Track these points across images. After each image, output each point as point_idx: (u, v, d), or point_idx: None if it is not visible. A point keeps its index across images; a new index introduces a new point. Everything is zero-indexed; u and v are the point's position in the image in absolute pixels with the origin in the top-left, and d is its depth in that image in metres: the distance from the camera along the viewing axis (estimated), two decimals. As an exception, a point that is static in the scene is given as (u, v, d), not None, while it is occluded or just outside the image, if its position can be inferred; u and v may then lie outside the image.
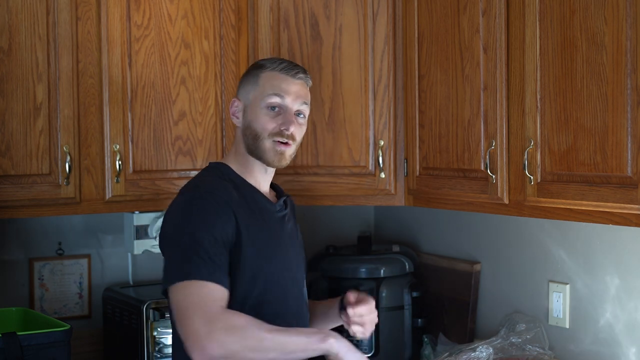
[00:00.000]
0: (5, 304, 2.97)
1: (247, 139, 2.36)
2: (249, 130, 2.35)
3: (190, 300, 2.12)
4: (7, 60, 2.67)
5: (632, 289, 2.66)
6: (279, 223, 2.40)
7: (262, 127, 2.32)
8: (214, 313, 2.11)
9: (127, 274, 3.26)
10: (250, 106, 2.35)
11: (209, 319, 2.09)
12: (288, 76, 2.35)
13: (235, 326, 2.10)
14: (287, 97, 2.33)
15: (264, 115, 2.33)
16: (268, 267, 2.30)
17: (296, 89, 2.35)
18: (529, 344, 2.83)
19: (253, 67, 2.41)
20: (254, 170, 2.39)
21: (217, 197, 2.25)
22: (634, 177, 2.24)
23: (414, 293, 3.20)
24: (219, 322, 2.09)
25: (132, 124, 2.86)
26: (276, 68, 2.35)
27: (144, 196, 2.89)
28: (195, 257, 2.15)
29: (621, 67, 2.25)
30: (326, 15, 3.02)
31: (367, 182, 3.03)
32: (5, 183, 2.67)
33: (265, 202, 2.38)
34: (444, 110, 2.83)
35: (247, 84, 2.38)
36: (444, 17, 2.81)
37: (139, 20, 2.87)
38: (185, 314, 2.12)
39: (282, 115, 2.33)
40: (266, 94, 2.33)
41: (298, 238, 2.50)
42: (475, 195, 2.72)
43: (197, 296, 2.13)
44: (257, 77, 2.36)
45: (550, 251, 2.91)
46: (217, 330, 2.07)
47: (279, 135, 2.32)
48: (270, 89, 2.33)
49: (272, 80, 2.34)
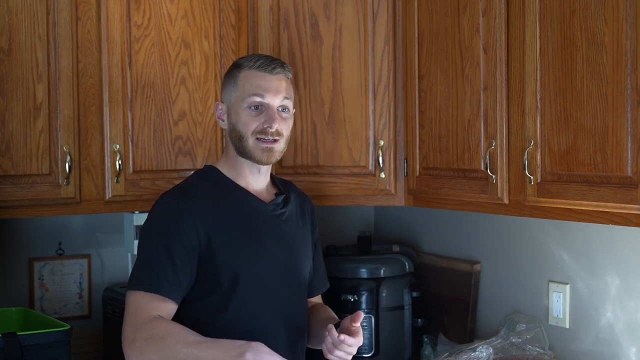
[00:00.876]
0: (5, 304, 2.97)
1: (234, 141, 2.38)
2: (234, 132, 2.37)
3: (129, 308, 2.23)
4: (7, 60, 2.67)
5: (632, 289, 2.66)
6: (271, 223, 2.39)
7: (246, 127, 2.34)
8: (140, 322, 2.18)
9: (127, 274, 3.25)
10: (233, 108, 2.37)
11: (135, 328, 2.18)
12: (266, 73, 2.35)
13: (154, 336, 2.15)
14: (267, 95, 2.34)
15: (247, 116, 2.34)
16: (247, 268, 2.31)
17: (275, 85, 2.35)
18: (529, 344, 2.83)
19: (232, 67, 2.41)
20: (244, 171, 2.39)
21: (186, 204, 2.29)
22: (634, 177, 2.24)
23: (414, 293, 3.20)
24: (142, 331, 2.17)
25: (132, 124, 2.86)
26: (253, 66, 2.35)
27: (144, 196, 2.89)
28: (149, 269, 2.24)
29: (621, 67, 2.25)
30: (326, 15, 3.02)
31: (367, 182, 3.03)
32: (5, 183, 2.67)
33: (254, 202, 2.38)
34: (444, 110, 2.83)
35: (228, 85, 2.40)
36: (444, 17, 2.81)
37: (139, 20, 2.87)
38: (123, 320, 2.23)
39: (265, 113, 2.34)
40: (246, 94, 2.34)
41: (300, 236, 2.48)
42: (475, 195, 2.72)
43: (133, 305, 2.22)
44: (236, 77, 2.37)
45: (550, 251, 2.91)
46: (139, 339, 2.16)
47: (263, 133, 2.34)
48: (249, 88, 2.34)
49: (251, 79, 2.35)
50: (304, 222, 2.51)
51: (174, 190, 2.38)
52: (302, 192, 2.58)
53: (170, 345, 2.13)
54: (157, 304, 2.22)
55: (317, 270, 2.59)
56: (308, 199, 2.59)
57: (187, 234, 2.26)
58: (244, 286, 2.30)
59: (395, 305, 3.18)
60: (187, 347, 2.11)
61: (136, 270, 2.28)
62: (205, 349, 2.10)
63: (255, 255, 2.34)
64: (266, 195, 2.43)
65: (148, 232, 2.30)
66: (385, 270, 3.18)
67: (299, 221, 2.49)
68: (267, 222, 2.39)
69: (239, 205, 2.36)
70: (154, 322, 2.18)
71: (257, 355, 2.04)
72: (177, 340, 2.13)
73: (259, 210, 2.38)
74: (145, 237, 2.31)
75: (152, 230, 2.30)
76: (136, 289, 2.24)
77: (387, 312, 3.15)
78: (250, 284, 2.31)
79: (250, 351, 2.05)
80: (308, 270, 2.51)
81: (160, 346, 2.14)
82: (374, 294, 3.13)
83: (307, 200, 2.58)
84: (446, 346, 3.04)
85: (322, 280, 2.65)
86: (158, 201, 2.35)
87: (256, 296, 2.32)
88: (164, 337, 2.14)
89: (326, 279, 2.68)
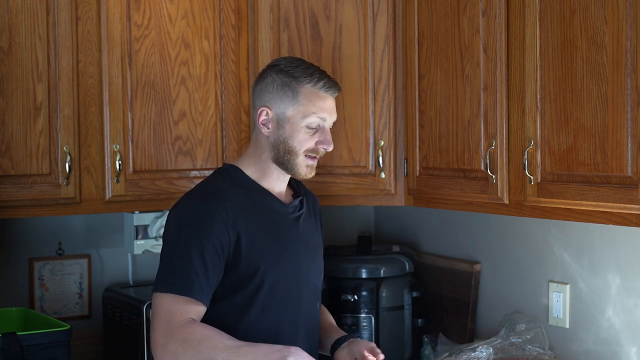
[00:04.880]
0: (5, 304, 2.97)
1: (279, 152, 2.34)
2: (282, 145, 2.33)
3: (159, 311, 2.20)
4: (7, 60, 2.67)
5: (632, 288, 2.66)
6: (292, 224, 2.39)
7: (300, 145, 2.32)
8: (174, 326, 2.17)
9: (127, 274, 3.26)
10: (288, 122, 2.32)
11: (168, 332, 2.16)
12: (327, 94, 2.33)
13: (190, 340, 2.14)
14: (328, 117, 2.34)
15: (304, 134, 2.32)
16: (272, 270, 2.30)
17: (333, 107, 2.36)
18: (529, 344, 2.83)
19: (284, 75, 2.33)
20: (271, 176, 2.38)
21: (216, 205, 2.26)
22: (634, 177, 2.24)
23: (414, 293, 3.20)
24: (177, 335, 2.15)
25: (132, 124, 2.86)
26: (317, 85, 2.32)
27: (144, 196, 2.89)
28: (176, 271, 2.22)
29: (621, 67, 2.25)
30: (326, 15, 3.02)
31: (367, 182, 3.03)
32: (5, 183, 2.67)
33: (277, 204, 2.38)
34: (444, 110, 2.83)
35: (282, 95, 2.33)
36: (444, 17, 2.81)
37: (139, 20, 2.87)
38: (153, 324, 2.21)
39: (319, 133, 2.33)
40: (309, 113, 2.31)
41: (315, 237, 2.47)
42: (475, 195, 2.72)
43: (165, 308, 2.20)
44: (295, 91, 2.32)
45: (550, 251, 2.91)
46: (173, 343, 2.15)
47: (315, 152, 2.34)
48: (312, 109, 2.31)
49: (314, 99, 2.32)
50: (315, 222, 2.51)
51: (200, 191, 2.34)
52: (309, 192, 2.58)
53: (207, 349, 2.12)
54: (190, 307, 2.20)
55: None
56: (316, 198, 2.59)
57: (219, 236, 2.24)
58: (268, 288, 2.29)
59: (395, 305, 3.17)
60: (224, 352, 2.10)
61: (166, 272, 2.24)
62: (244, 353, 2.10)
63: (280, 257, 2.33)
64: (285, 197, 2.43)
65: (178, 234, 2.26)
66: (385, 270, 3.18)
67: (312, 222, 2.49)
68: (289, 224, 2.39)
69: (264, 207, 2.35)
70: (188, 326, 2.17)
71: (298, 359, 2.06)
72: (215, 344, 2.12)
73: (281, 213, 2.38)
74: (174, 238, 2.26)
75: (182, 232, 2.25)
76: (167, 291, 2.21)
77: (387, 312, 3.15)
78: (275, 286, 2.31)
79: (291, 355, 2.06)
80: (321, 272, 2.51)
81: (196, 350, 2.12)
82: (374, 294, 3.13)
83: (315, 199, 2.58)
84: (446, 346, 3.04)
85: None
86: (183, 202, 2.31)
87: (279, 298, 2.32)
88: (200, 341, 2.13)
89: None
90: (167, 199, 2.90)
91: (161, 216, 3.10)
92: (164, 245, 2.29)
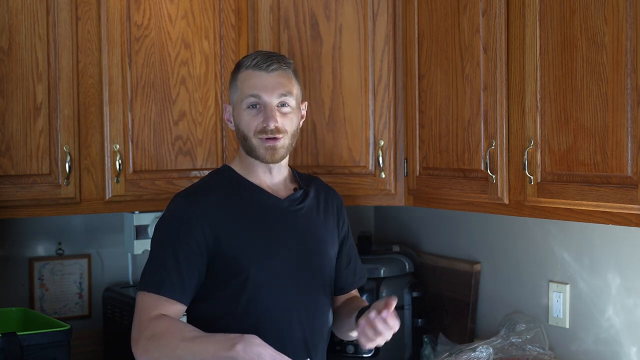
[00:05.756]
0: (5, 304, 2.97)
1: (241, 141, 2.39)
2: (239, 133, 2.38)
3: (137, 309, 2.27)
4: (7, 60, 2.67)
5: (632, 288, 2.66)
6: (286, 218, 2.38)
7: (247, 128, 2.35)
8: (144, 321, 2.22)
9: (127, 274, 3.26)
10: (236, 109, 2.39)
11: (140, 327, 2.23)
12: (262, 72, 2.35)
13: (155, 334, 2.19)
14: (262, 94, 2.34)
15: (247, 116, 2.35)
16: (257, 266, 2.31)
17: (271, 82, 2.35)
18: (529, 344, 2.83)
19: (235, 69, 2.42)
20: (256, 170, 2.40)
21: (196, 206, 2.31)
22: (634, 177, 2.24)
23: (414, 293, 3.20)
24: (146, 330, 2.21)
25: (132, 124, 2.86)
26: (249, 65, 2.36)
27: (144, 196, 2.89)
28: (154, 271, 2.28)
29: (621, 67, 2.25)
30: (326, 15, 3.02)
31: (367, 182, 3.03)
32: (5, 183, 2.67)
33: (266, 198, 2.38)
34: (444, 110, 2.83)
35: (231, 87, 2.41)
36: (444, 17, 2.81)
37: (139, 20, 2.87)
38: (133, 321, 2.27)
39: (263, 112, 2.34)
40: (244, 95, 2.35)
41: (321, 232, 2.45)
42: (475, 195, 2.72)
43: (140, 306, 2.27)
44: (236, 78, 2.39)
45: (550, 251, 2.91)
46: (143, 338, 2.20)
47: (263, 132, 2.34)
48: (246, 89, 2.35)
49: (248, 79, 2.35)
50: (326, 217, 2.48)
51: (185, 191, 2.40)
52: (328, 187, 2.56)
53: (169, 341, 2.15)
54: (163, 305, 2.24)
55: (348, 265, 2.56)
56: (336, 193, 2.57)
57: (194, 236, 2.28)
58: (253, 284, 2.30)
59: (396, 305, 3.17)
60: (184, 342, 2.14)
61: (145, 271, 2.31)
62: (200, 342, 2.13)
63: (266, 252, 2.33)
64: (283, 191, 2.42)
65: (157, 234, 2.34)
66: (385, 270, 3.18)
67: (320, 216, 2.46)
68: (282, 217, 2.38)
69: (250, 203, 2.36)
70: (155, 321, 2.21)
71: (247, 346, 2.05)
72: (176, 336, 2.15)
73: (272, 206, 2.38)
74: (154, 238, 2.34)
75: (160, 233, 2.33)
76: (143, 290, 2.28)
77: (387, 312, 3.15)
78: (260, 281, 2.31)
79: (241, 342, 2.06)
80: (330, 266, 2.47)
81: (159, 344, 2.16)
82: (374, 294, 3.13)
83: (334, 195, 2.56)
84: (446, 346, 3.04)
85: (356, 275, 2.60)
86: (169, 204, 2.37)
87: (266, 293, 2.32)
88: (162, 335, 2.17)
89: (362, 273, 2.63)
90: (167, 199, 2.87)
91: (161, 216, 3.11)
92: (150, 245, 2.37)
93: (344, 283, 2.55)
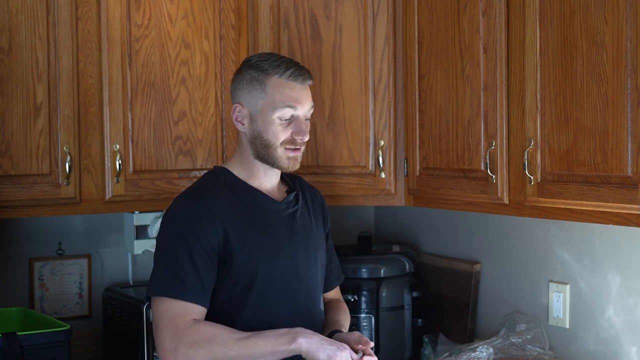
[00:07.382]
0: (5, 304, 2.97)
1: (257, 147, 2.34)
2: (259, 140, 2.33)
3: (162, 317, 2.21)
4: (7, 60, 2.67)
5: (632, 288, 2.66)
6: (285, 221, 2.39)
7: (275, 138, 2.31)
8: (181, 329, 2.18)
9: (127, 274, 3.26)
10: (260, 115, 2.32)
11: (175, 335, 2.17)
12: (297, 83, 2.31)
13: (200, 340, 2.16)
14: (299, 107, 2.31)
15: (277, 126, 2.31)
16: (264, 268, 2.31)
17: (304, 95, 2.33)
18: (529, 344, 2.83)
19: (253, 70, 2.33)
20: (258, 173, 2.38)
21: (201, 206, 2.28)
22: (634, 177, 2.24)
23: (414, 293, 3.20)
24: (186, 337, 2.16)
25: (132, 124, 2.86)
26: (283, 75, 2.30)
27: (144, 196, 2.89)
28: (172, 274, 2.23)
29: (621, 67, 2.25)
30: (326, 15, 3.02)
31: (367, 182, 3.03)
32: (5, 183, 2.67)
33: (267, 202, 2.38)
34: (444, 110, 2.83)
35: (251, 90, 2.33)
36: (444, 17, 2.81)
37: (139, 20, 2.87)
38: (157, 329, 2.22)
39: (294, 124, 2.32)
40: (278, 105, 2.30)
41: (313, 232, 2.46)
42: (475, 195, 2.72)
43: (168, 313, 2.21)
44: (262, 84, 2.32)
45: (550, 251, 2.91)
46: (183, 346, 2.16)
47: (292, 143, 2.32)
48: (281, 100, 2.30)
49: (282, 89, 2.30)
50: (315, 216, 2.50)
51: (187, 194, 2.36)
52: (310, 186, 2.57)
53: (218, 346, 2.14)
54: (191, 310, 2.21)
55: (330, 262, 2.58)
56: (318, 192, 2.57)
57: (207, 237, 2.25)
58: (260, 286, 2.30)
59: (395, 305, 3.18)
60: (236, 345, 2.14)
61: (159, 276, 2.26)
62: (255, 340, 2.14)
63: (272, 255, 2.33)
64: (277, 194, 2.42)
65: (168, 238, 2.28)
66: (385, 270, 3.18)
67: (310, 217, 2.48)
68: (281, 220, 2.38)
69: (253, 206, 2.35)
70: (195, 327, 2.18)
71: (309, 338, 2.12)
72: (224, 340, 2.15)
73: (272, 210, 2.38)
74: (165, 242, 2.28)
75: (171, 236, 2.27)
76: (162, 295, 2.22)
77: (387, 312, 3.15)
78: (267, 283, 2.31)
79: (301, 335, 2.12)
80: (323, 265, 2.50)
81: (209, 348, 2.15)
82: (374, 294, 3.13)
83: (317, 193, 2.57)
84: (446, 346, 3.04)
85: (336, 272, 2.63)
86: (172, 205, 2.33)
87: (273, 295, 2.32)
88: (210, 340, 2.15)
89: (340, 270, 2.66)
90: (167, 199, 2.89)
91: (161, 216, 3.10)
92: (157, 249, 2.31)
93: (327, 280, 2.56)
